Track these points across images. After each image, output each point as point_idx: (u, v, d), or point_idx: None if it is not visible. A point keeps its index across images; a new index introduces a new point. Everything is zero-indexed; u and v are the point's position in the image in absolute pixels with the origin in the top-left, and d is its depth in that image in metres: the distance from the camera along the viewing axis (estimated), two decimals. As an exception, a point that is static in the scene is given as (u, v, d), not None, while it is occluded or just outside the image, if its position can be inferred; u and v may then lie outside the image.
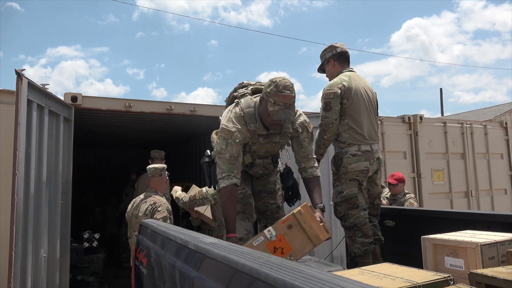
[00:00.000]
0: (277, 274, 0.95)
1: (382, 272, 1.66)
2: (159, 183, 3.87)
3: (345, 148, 3.06)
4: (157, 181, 3.85)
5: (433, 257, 2.04)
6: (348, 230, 3.06)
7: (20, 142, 3.25)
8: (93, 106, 4.71)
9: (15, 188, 3.18)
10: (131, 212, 3.78)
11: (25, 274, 3.33)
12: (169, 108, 5.08)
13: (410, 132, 6.55)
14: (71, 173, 4.41)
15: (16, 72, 3.30)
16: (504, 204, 7.43)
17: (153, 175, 3.84)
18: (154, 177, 3.84)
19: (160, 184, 3.87)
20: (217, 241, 1.55)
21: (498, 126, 7.78)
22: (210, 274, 1.32)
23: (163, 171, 3.90)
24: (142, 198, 3.81)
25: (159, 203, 3.70)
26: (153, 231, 2.20)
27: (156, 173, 3.84)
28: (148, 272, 2.14)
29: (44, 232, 3.71)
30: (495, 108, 21.44)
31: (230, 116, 2.74)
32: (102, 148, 10.57)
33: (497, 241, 1.90)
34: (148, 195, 3.80)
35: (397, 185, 5.04)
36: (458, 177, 6.94)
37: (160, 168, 3.89)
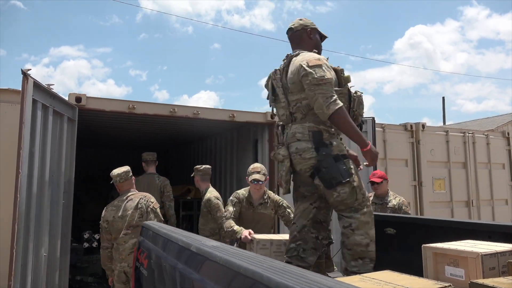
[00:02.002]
0: (280, 278, 0.96)
1: (383, 280, 1.66)
2: (131, 184, 4.00)
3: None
4: (128, 183, 3.96)
5: (433, 266, 2.04)
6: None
7: (24, 141, 3.27)
8: (97, 107, 4.73)
9: (18, 187, 3.20)
10: (113, 216, 3.75)
11: (26, 272, 3.34)
12: (173, 111, 5.10)
13: (412, 140, 6.56)
14: (73, 173, 4.43)
15: (22, 72, 3.32)
16: (505, 215, 7.41)
17: (122, 180, 3.93)
18: (124, 181, 3.94)
19: (131, 185, 4.00)
20: (219, 244, 1.56)
21: (500, 136, 7.78)
22: (212, 277, 1.33)
23: (129, 173, 4.00)
24: (122, 199, 3.85)
25: (148, 195, 3.93)
26: (155, 233, 2.21)
27: (126, 178, 3.94)
28: (148, 274, 2.15)
29: (45, 231, 3.72)
30: (497, 118, 21.42)
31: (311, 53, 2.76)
32: (103, 149, 10.60)
33: (498, 252, 1.90)
34: (127, 195, 3.87)
35: (382, 184, 4.63)
36: (459, 186, 6.93)
37: (127, 171, 3.98)
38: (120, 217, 3.74)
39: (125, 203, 3.80)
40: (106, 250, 3.82)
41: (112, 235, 3.77)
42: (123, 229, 3.72)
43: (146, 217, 3.74)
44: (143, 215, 3.75)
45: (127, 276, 3.66)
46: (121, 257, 3.70)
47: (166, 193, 5.36)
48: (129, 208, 3.75)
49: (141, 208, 3.75)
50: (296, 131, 2.70)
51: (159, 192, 5.35)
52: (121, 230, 3.72)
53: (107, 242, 3.80)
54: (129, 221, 3.72)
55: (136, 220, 3.72)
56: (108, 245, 3.80)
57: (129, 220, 3.72)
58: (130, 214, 3.72)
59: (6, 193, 3.45)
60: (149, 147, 7.21)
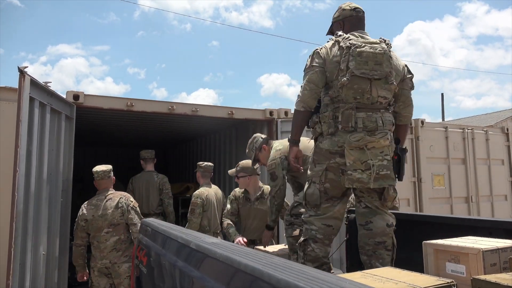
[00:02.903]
0: (281, 275, 0.94)
1: (385, 276, 1.65)
2: (109, 183, 4.04)
3: None
4: (107, 182, 4.02)
5: (434, 263, 2.03)
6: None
7: (21, 140, 3.25)
8: (95, 105, 4.71)
9: (16, 186, 3.18)
10: (92, 214, 3.82)
11: (24, 271, 3.32)
12: (171, 108, 5.08)
13: (411, 137, 6.54)
14: (71, 171, 4.41)
15: (18, 69, 3.30)
16: (504, 210, 7.42)
17: (102, 178, 3.98)
18: (103, 179, 3.99)
19: (110, 184, 4.05)
20: (219, 241, 1.54)
21: (499, 132, 7.77)
22: (212, 274, 1.32)
23: (111, 173, 4.05)
24: (101, 198, 3.91)
25: (127, 195, 4.03)
26: (154, 230, 2.20)
27: (105, 176, 4.00)
28: (148, 271, 2.13)
29: (43, 230, 3.71)
30: (497, 114, 21.44)
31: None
32: (101, 147, 10.58)
33: (499, 248, 1.89)
34: (106, 194, 3.94)
35: None
36: (458, 182, 6.92)
37: (108, 170, 4.03)
38: (100, 216, 3.81)
39: (104, 202, 3.87)
40: (79, 248, 3.91)
41: (90, 234, 3.86)
42: (105, 227, 3.81)
43: (127, 216, 3.83)
44: (124, 213, 3.84)
45: (108, 270, 3.82)
46: (103, 255, 3.82)
47: (165, 190, 5.37)
48: (109, 207, 3.84)
49: (122, 207, 3.85)
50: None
51: (158, 190, 5.35)
52: (100, 228, 3.81)
53: (81, 240, 3.89)
54: (110, 219, 3.80)
55: (117, 218, 3.82)
56: (81, 242, 3.89)
57: (110, 219, 3.80)
58: (111, 213, 3.81)
59: (4, 191, 3.43)
60: (147, 145, 7.18)
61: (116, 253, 3.81)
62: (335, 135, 2.45)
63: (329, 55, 2.49)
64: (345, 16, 2.71)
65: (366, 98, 2.43)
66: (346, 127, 2.41)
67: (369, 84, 2.42)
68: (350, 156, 2.39)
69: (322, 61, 2.49)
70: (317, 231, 2.50)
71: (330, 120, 2.46)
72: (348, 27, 2.67)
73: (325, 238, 2.52)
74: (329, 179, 2.47)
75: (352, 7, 2.71)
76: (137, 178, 5.45)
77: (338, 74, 2.43)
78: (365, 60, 2.39)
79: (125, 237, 3.86)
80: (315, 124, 2.57)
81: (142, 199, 5.22)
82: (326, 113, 2.49)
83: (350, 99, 2.42)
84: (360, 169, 2.39)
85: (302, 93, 2.49)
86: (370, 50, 2.42)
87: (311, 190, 2.53)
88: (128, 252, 3.85)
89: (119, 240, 3.83)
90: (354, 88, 2.40)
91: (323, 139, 2.51)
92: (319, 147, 2.53)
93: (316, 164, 2.53)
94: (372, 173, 2.39)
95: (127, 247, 3.87)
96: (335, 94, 2.46)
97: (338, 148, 2.43)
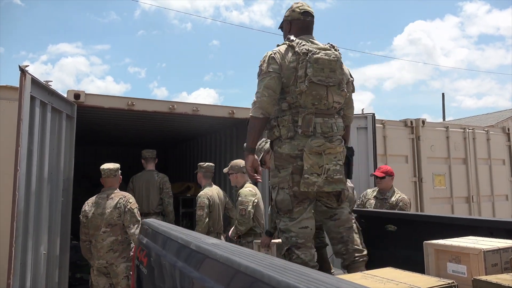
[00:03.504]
0: (281, 276, 0.94)
1: (385, 277, 1.65)
2: (115, 182, 4.04)
3: None
4: (113, 180, 4.02)
5: (435, 263, 2.03)
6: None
7: (22, 139, 3.25)
8: (96, 104, 4.71)
9: (17, 185, 3.18)
10: (93, 212, 3.83)
11: (25, 270, 3.33)
12: (172, 108, 5.08)
13: (412, 136, 6.53)
14: (72, 170, 4.41)
15: (20, 68, 3.30)
16: (505, 210, 7.41)
17: (108, 176, 3.99)
18: (109, 177, 3.99)
19: (115, 183, 4.05)
20: (219, 242, 1.54)
21: (500, 132, 7.76)
22: (212, 275, 1.31)
23: (117, 172, 4.06)
24: (103, 196, 3.92)
25: (127, 195, 3.97)
26: (154, 230, 2.19)
27: (111, 174, 4.00)
28: (148, 272, 2.13)
29: (44, 229, 3.71)
30: (498, 114, 21.41)
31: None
32: (102, 146, 10.58)
33: (500, 248, 1.89)
34: (108, 193, 3.94)
35: (384, 179, 4.51)
36: (459, 182, 6.91)
37: (115, 169, 4.04)
38: (99, 214, 3.81)
39: (105, 201, 3.87)
40: (84, 243, 3.93)
41: (89, 231, 3.85)
42: (102, 226, 3.80)
43: (123, 217, 3.81)
44: (121, 214, 3.82)
45: (107, 269, 3.82)
46: (99, 254, 3.81)
47: (165, 189, 5.38)
48: (108, 206, 3.83)
49: (119, 208, 3.83)
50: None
51: (158, 189, 5.36)
52: (99, 227, 3.81)
53: (84, 235, 3.90)
54: (108, 219, 3.79)
55: (115, 219, 3.80)
56: (85, 238, 3.91)
57: (108, 219, 3.79)
58: (109, 213, 3.80)
59: (5, 191, 3.43)
60: (148, 144, 7.17)
61: (112, 254, 3.78)
62: (294, 139, 2.49)
63: (285, 61, 2.51)
64: (293, 18, 2.73)
65: (323, 104, 2.51)
66: (306, 132, 2.47)
67: (326, 90, 2.50)
68: (309, 160, 2.44)
69: (278, 66, 2.50)
70: (296, 236, 2.48)
71: (290, 124, 2.50)
72: (294, 30, 2.69)
73: (307, 241, 2.51)
74: (296, 182, 2.48)
75: (302, 10, 2.71)
76: (137, 177, 5.46)
77: (296, 80, 2.48)
78: (321, 67, 2.47)
79: (122, 238, 3.84)
80: (273, 128, 2.57)
81: (142, 198, 5.24)
82: (286, 117, 2.52)
83: (309, 105, 2.48)
84: (317, 173, 2.45)
85: (260, 99, 2.47)
86: (325, 57, 2.50)
87: (281, 196, 2.52)
88: (126, 253, 3.84)
89: (116, 241, 3.80)
90: (313, 95, 2.47)
91: (282, 143, 2.53)
92: (278, 152, 2.54)
93: (281, 170, 2.53)
94: (327, 177, 2.47)
95: (125, 248, 3.85)
96: (294, 100, 2.50)
97: (298, 152, 2.47)
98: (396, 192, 4.59)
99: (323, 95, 2.49)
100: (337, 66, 2.54)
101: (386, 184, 4.57)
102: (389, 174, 4.57)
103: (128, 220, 3.78)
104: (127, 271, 3.78)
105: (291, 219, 2.50)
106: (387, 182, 4.56)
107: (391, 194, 4.55)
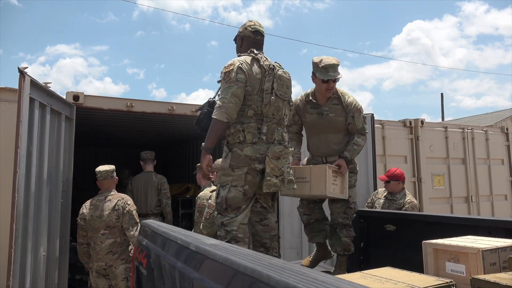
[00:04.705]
0: (280, 276, 0.95)
1: (384, 276, 1.66)
2: (111, 183, 4.03)
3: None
4: (109, 182, 4.01)
5: (434, 262, 2.04)
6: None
7: (21, 140, 3.25)
8: (95, 105, 4.71)
9: (16, 186, 3.18)
10: (91, 214, 3.82)
11: (24, 272, 3.32)
12: (171, 109, 5.08)
13: (411, 136, 6.54)
14: (71, 172, 4.41)
15: (19, 70, 3.31)
16: (504, 210, 7.42)
17: (105, 178, 3.98)
18: (106, 179, 3.98)
19: (112, 184, 4.04)
20: (218, 243, 1.55)
21: (499, 131, 7.77)
22: (211, 276, 1.32)
23: (113, 173, 4.05)
24: (101, 199, 3.90)
25: (126, 197, 3.95)
26: (154, 231, 2.20)
27: (108, 176, 3.99)
28: (148, 273, 2.13)
29: (43, 231, 3.71)
30: (496, 113, 21.43)
31: None
32: (101, 147, 10.58)
33: (498, 247, 1.89)
34: (106, 194, 3.92)
35: (389, 183, 4.53)
36: (458, 182, 6.92)
37: (111, 170, 4.03)
38: (98, 217, 3.80)
39: (103, 203, 3.86)
40: (81, 246, 3.91)
41: (87, 233, 3.84)
42: (101, 229, 3.79)
43: (122, 219, 3.80)
44: (119, 216, 3.80)
45: (106, 271, 3.80)
46: (98, 257, 3.79)
47: (163, 190, 5.40)
48: (106, 208, 3.81)
49: (118, 210, 3.81)
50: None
51: (156, 190, 5.38)
52: (97, 229, 3.79)
53: (82, 238, 3.89)
54: (106, 221, 3.78)
55: (113, 221, 3.79)
56: (83, 241, 3.89)
57: (106, 221, 3.78)
58: (107, 215, 3.78)
59: (5, 192, 3.44)
60: (147, 146, 7.20)
61: (111, 256, 3.77)
62: (256, 144, 2.69)
63: (252, 72, 2.72)
64: (245, 35, 2.94)
65: (279, 115, 2.80)
66: (270, 139, 2.73)
67: (283, 103, 2.81)
68: (271, 163, 2.67)
69: (244, 77, 2.68)
70: (237, 231, 2.64)
71: (255, 131, 2.71)
72: (246, 45, 2.91)
73: (245, 236, 2.68)
74: (248, 181, 2.67)
75: (253, 30, 2.93)
76: (136, 178, 5.47)
77: (260, 91, 2.72)
78: (282, 83, 2.79)
79: (121, 240, 3.82)
80: (238, 132, 2.71)
81: (140, 199, 5.26)
82: (251, 124, 2.71)
83: (270, 114, 2.74)
84: (276, 175, 2.69)
85: (227, 106, 2.62)
86: (284, 75, 2.83)
87: (232, 194, 2.66)
88: (125, 255, 3.83)
89: (114, 243, 3.79)
90: (275, 106, 2.74)
91: (244, 146, 2.68)
92: (238, 153, 2.69)
93: (235, 169, 2.68)
94: (284, 178, 2.73)
95: (124, 250, 3.84)
96: (258, 109, 2.72)
97: (259, 156, 2.68)
98: (406, 195, 4.57)
99: (281, 107, 2.79)
100: (289, 84, 2.88)
101: (393, 187, 4.57)
102: (395, 178, 4.53)
103: (127, 222, 3.77)
104: (126, 273, 3.77)
105: (236, 216, 2.66)
106: (393, 186, 4.56)
107: (401, 196, 4.54)
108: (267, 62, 2.79)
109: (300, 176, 3.12)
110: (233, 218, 2.65)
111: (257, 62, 2.76)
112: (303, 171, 3.19)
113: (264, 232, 2.87)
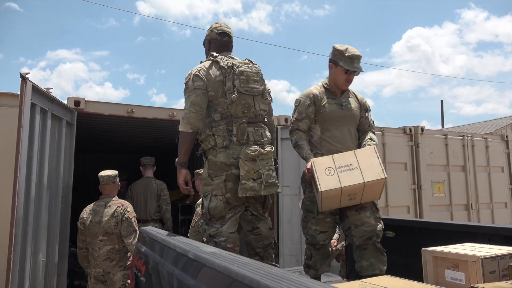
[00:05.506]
0: (278, 285, 0.95)
1: (383, 285, 1.65)
2: (113, 189, 4.03)
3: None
4: (111, 187, 4.01)
5: (433, 270, 2.03)
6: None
7: (22, 145, 3.26)
8: (96, 111, 4.72)
9: (16, 191, 3.18)
10: (90, 219, 3.81)
11: (23, 277, 3.32)
12: (172, 115, 5.10)
13: (411, 144, 6.54)
14: (71, 177, 4.41)
15: (20, 75, 3.32)
16: (504, 218, 7.39)
17: (106, 183, 3.98)
18: (108, 184, 3.98)
19: (114, 190, 4.04)
20: (217, 251, 1.55)
21: (499, 139, 7.77)
22: (209, 284, 1.32)
23: (116, 178, 4.05)
24: (101, 204, 3.90)
25: (126, 204, 3.93)
26: (152, 239, 2.20)
27: (109, 181, 3.99)
28: (146, 280, 2.13)
29: (43, 236, 3.70)
30: (496, 121, 21.46)
31: None
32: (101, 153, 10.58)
33: (498, 255, 1.89)
34: (107, 200, 3.92)
35: None
36: (458, 189, 6.91)
37: (113, 175, 4.03)
38: (97, 222, 3.79)
39: (103, 209, 3.85)
40: (81, 251, 3.91)
41: (86, 239, 3.83)
42: (99, 235, 3.78)
43: (120, 226, 3.79)
44: (118, 223, 3.79)
45: (104, 277, 3.79)
46: (96, 263, 3.78)
47: (163, 196, 5.39)
48: (106, 214, 3.80)
49: (117, 216, 3.80)
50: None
51: (156, 196, 5.37)
52: (96, 235, 3.78)
53: (82, 243, 3.88)
54: (105, 228, 3.77)
55: (112, 227, 3.78)
56: (82, 245, 3.89)
57: (105, 227, 3.77)
58: (106, 221, 3.78)
59: (5, 197, 3.43)
60: (148, 151, 7.18)
61: (109, 263, 3.75)
62: (229, 147, 2.61)
63: (211, 75, 2.65)
64: (211, 37, 2.91)
65: (251, 111, 2.70)
66: (241, 140, 2.62)
67: (253, 99, 2.71)
68: (245, 166, 2.56)
69: (202, 83, 2.63)
70: (226, 241, 2.55)
71: (225, 133, 2.63)
72: (213, 48, 2.87)
73: (235, 246, 2.59)
74: (229, 189, 2.59)
75: (219, 31, 2.89)
76: (135, 184, 5.47)
77: (224, 92, 2.64)
78: (246, 79, 2.69)
79: (119, 247, 3.80)
80: (208, 138, 2.66)
81: (140, 205, 5.25)
82: (220, 127, 2.64)
83: (239, 113, 2.65)
84: (253, 178, 2.57)
85: (188, 116, 2.58)
86: (248, 69, 2.72)
87: (213, 203, 2.59)
88: (123, 262, 3.81)
89: (112, 250, 3.77)
90: (242, 104, 2.65)
91: (217, 152, 2.62)
92: (213, 160, 2.63)
93: (214, 178, 2.61)
94: (263, 181, 2.59)
95: (122, 257, 3.82)
96: (225, 110, 2.64)
97: (233, 160, 2.59)
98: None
99: (251, 103, 2.69)
100: (258, 77, 2.76)
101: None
102: None
103: (125, 229, 3.76)
104: (124, 280, 3.76)
105: (222, 225, 2.58)
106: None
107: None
108: (228, 61, 2.69)
109: (344, 165, 2.65)
110: (218, 228, 2.57)
111: (216, 65, 2.68)
112: (346, 158, 2.69)
113: (257, 242, 2.78)
